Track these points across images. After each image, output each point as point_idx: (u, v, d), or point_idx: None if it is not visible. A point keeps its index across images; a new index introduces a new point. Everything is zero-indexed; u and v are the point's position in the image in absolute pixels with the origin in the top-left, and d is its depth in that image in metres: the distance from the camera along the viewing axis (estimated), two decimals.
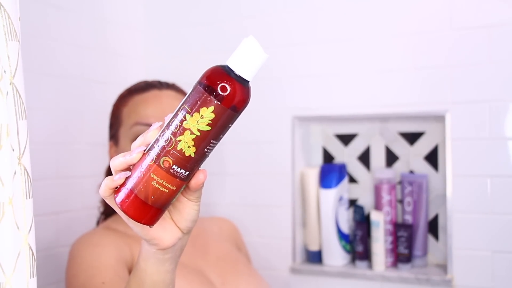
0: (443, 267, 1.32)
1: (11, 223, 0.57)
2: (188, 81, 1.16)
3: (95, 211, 1.31)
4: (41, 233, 1.22)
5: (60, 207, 1.30)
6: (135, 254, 1.04)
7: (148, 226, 0.64)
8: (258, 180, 1.47)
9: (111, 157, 1.16)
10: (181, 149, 0.59)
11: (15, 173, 0.58)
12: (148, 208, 0.61)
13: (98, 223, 1.23)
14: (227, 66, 0.60)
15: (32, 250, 0.60)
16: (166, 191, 0.61)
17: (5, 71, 0.58)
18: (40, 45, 1.26)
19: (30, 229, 0.60)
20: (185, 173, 0.61)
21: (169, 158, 0.59)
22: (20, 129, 0.59)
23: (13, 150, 0.58)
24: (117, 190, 0.62)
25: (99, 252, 1.00)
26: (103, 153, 1.32)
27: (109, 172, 1.22)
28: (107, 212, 1.20)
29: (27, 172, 0.60)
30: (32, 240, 0.60)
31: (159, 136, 0.61)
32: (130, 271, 1.01)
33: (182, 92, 1.16)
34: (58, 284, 1.26)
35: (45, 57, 1.27)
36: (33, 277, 0.60)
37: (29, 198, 0.60)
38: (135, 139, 1.08)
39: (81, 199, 1.36)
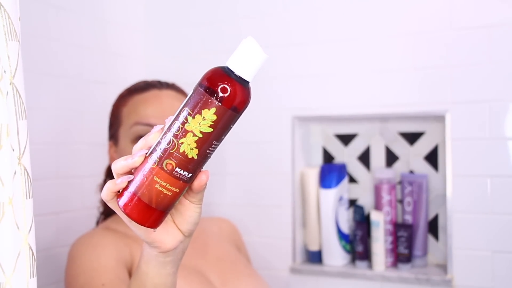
0: (443, 267, 1.32)
1: (11, 223, 0.57)
2: (188, 81, 1.16)
3: (95, 211, 1.31)
4: (41, 233, 1.22)
5: (60, 207, 1.30)
6: (135, 255, 1.04)
7: (151, 229, 0.64)
8: (258, 180, 1.47)
9: (110, 157, 1.16)
10: (184, 151, 0.59)
11: (15, 173, 0.58)
12: (152, 211, 0.61)
13: (97, 223, 1.22)
14: (227, 67, 0.60)
15: (32, 250, 0.60)
16: (170, 193, 0.61)
17: (5, 71, 0.58)
18: (40, 45, 1.26)
19: (30, 229, 0.60)
20: (188, 175, 0.61)
21: (172, 160, 0.60)
22: (20, 129, 0.59)
23: (13, 150, 0.58)
24: (119, 193, 0.62)
25: (99, 253, 0.99)
26: (103, 153, 1.31)
27: (109, 172, 1.22)
28: (107, 212, 1.20)
29: (27, 172, 0.60)
30: (32, 240, 0.60)
31: (161, 138, 0.61)
32: (129, 272, 1.01)
33: (182, 92, 1.16)
34: (58, 284, 1.26)
35: (45, 57, 1.27)
36: (33, 277, 0.60)
37: (29, 198, 0.60)
38: (135, 138, 1.08)
39: (81, 199, 1.36)
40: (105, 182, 1.22)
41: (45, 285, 1.22)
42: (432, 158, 1.36)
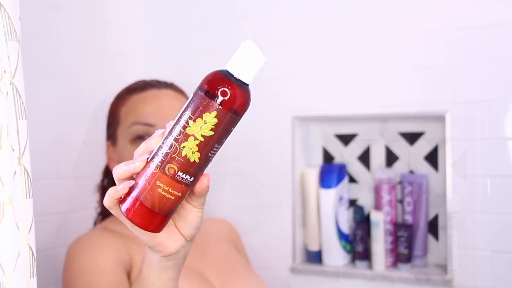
0: (443, 267, 1.32)
1: (11, 223, 0.57)
2: (188, 81, 1.16)
3: (95, 211, 1.31)
4: (41, 233, 1.22)
5: (60, 207, 1.30)
6: (134, 256, 1.03)
7: (154, 233, 0.64)
8: (258, 180, 1.47)
9: (108, 157, 1.16)
10: (186, 155, 0.60)
11: (15, 173, 0.58)
12: (155, 216, 0.61)
13: (95, 223, 1.22)
14: (227, 70, 0.60)
15: (32, 250, 0.60)
16: (172, 197, 0.61)
17: (5, 71, 0.58)
18: (40, 45, 1.26)
19: (30, 229, 0.60)
20: (190, 178, 0.61)
21: (174, 164, 0.60)
22: (20, 129, 0.59)
23: (13, 150, 0.58)
24: (121, 199, 0.63)
25: (97, 255, 0.98)
26: (103, 153, 1.31)
27: (106, 173, 1.22)
28: (105, 212, 1.19)
29: (27, 172, 0.60)
30: (32, 240, 0.60)
31: (162, 143, 0.61)
32: (128, 275, 1.00)
33: (181, 92, 1.16)
34: (58, 284, 1.26)
35: (45, 57, 1.27)
36: (33, 277, 0.60)
37: (29, 198, 0.60)
38: (133, 138, 1.08)
39: (81, 199, 1.35)
40: (102, 182, 1.22)
41: (45, 285, 1.22)
42: (432, 158, 1.36)
